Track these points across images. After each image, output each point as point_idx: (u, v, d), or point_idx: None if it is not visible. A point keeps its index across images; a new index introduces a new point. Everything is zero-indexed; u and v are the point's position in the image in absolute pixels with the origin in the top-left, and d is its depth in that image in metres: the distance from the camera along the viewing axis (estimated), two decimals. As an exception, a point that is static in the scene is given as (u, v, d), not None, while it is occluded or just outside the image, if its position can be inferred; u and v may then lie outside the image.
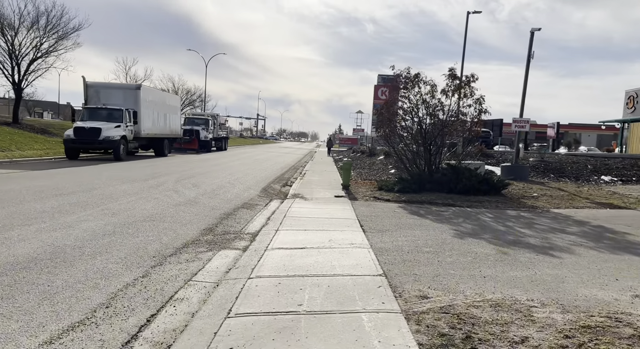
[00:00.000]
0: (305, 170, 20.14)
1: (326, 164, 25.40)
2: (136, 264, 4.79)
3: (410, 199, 10.89)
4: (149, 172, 14.93)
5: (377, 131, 14.53)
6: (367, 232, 6.94)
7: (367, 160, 25.65)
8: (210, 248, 5.67)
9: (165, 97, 25.84)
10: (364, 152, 31.18)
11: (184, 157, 24.93)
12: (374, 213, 8.92)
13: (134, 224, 6.74)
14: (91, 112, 20.16)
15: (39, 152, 19.47)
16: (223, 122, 41.53)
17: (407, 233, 6.90)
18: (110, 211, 7.61)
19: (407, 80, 13.68)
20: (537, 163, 17.11)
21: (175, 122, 26.82)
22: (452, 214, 9.20)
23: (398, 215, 8.77)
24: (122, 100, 20.97)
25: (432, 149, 13.53)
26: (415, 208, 9.83)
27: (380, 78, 62.66)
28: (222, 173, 16.26)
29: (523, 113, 15.24)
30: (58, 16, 24.27)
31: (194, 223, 7.18)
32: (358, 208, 9.43)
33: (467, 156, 13.98)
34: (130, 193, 9.79)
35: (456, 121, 13.62)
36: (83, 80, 20.86)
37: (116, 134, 19.30)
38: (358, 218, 8.27)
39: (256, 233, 6.77)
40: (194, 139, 31.01)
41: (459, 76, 13.47)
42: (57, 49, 25.10)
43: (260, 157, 30.48)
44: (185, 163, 20.62)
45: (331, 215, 8.50)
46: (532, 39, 14.94)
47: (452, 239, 6.50)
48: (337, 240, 6.28)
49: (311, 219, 7.99)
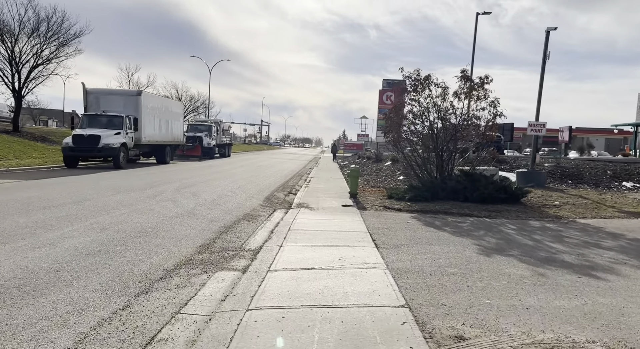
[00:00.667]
0: (310, 177, 19.49)
1: (331, 171, 24.74)
2: (118, 292, 4.13)
3: (423, 208, 10.19)
4: (148, 181, 14.33)
5: (385, 136, 13.87)
6: (380, 248, 6.26)
7: (374, 166, 24.96)
8: (206, 270, 5.00)
9: (166, 103, 25.33)
10: (370, 158, 30.48)
11: (186, 164, 24.36)
12: (385, 224, 8.24)
13: (123, 241, 6.09)
14: (91, 119, 19.65)
15: (37, 160, 18.96)
16: (226, 128, 41.03)
17: (425, 249, 6.21)
18: (99, 225, 6.98)
19: (417, 83, 13.03)
20: (553, 169, 16.35)
21: (177, 129, 26.29)
22: (471, 225, 8.49)
23: (412, 227, 8.08)
24: (122, 106, 20.46)
25: (444, 155, 12.85)
26: (429, 218, 9.13)
27: (385, 83, 62.13)
28: (224, 181, 15.63)
29: (539, 116, 14.54)
30: (59, 22, 23.90)
31: (189, 238, 6.53)
32: (368, 219, 8.75)
33: (481, 162, 13.27)
34: (125, 205, 9.17)
35: (469, 125, 12.95)
36: (83, 87, 20.38)
37: (116, 141, 18.75)
38: (369, 230, 7.59)
39: (258, 249, 6.11)
40: (196, 146, 30.47)
41: (472, 78, 12.79)
42: (58, 56, 24.73)
43: (264, 163, 29.87)
44: (187, 170, 20.03)
45: (340, 228, 7.82)
46: (547, 39, 14.28)
47: (478, 256, 5.80)
48: (348, 258, 5.60)
49: (318, 232, 7.32)
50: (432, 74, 12.72)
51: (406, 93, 13.22)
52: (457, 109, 13.02)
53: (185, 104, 54.07)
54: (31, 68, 24.03)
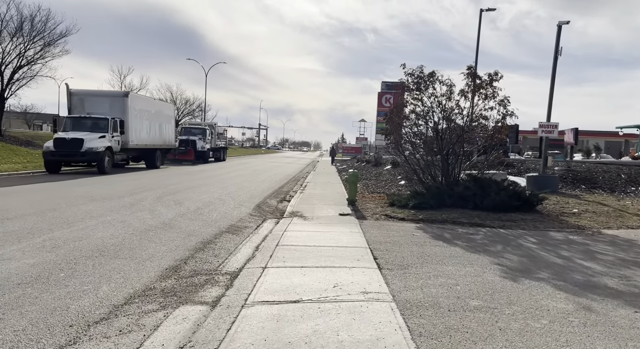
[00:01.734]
0: (306, 181, 18.47)
1: (329, 175, 23.72)
2: (34, 345, 3.09)
3: (429, 218, 9.18)
4: (130, 187, 13.29)
5: (386, 138, 12.88)
6: (383, 269, 5.24)
7: (373, 170, 23.96)
8: (165, 304, 3.97)
9: (157, 105, 24.30)
10: (369, 162, 29.50)
11: (178, 169, 23.33)
12: (388, 237, 7.22)
13: (73, 263, 5.06)
14: (74, 122, 18.62)
15: (16, 165, 17.92)
16: (222, 132, 40.04)
17: (438, 270, 5.19)
18: (52, 243, 5.94)
19: (420, 80, 12.04)
20: (565, 173, 15.36)
21: (168, 132, 25.26)
22: (485, 238, 7.48)
23: (418, 240, 7.06)
24: (108, 108, 19.44)
25: (450, 158, 11.85)
26: (437, 230, 8.12)
27: (385, 85, 61.25)
28: (213, 187, 14.61)
29: (550, 116, 13.56)
30: (43, 21, 22.91)
31: (156, 258, 5.50)
32: (368, 231, 7.73)
33: (489, 166, 12.27)
34: (94, 216, 8.13)
35: (477, 126, 11.97)
36: (66, 88, 19.37)
37: (100, 145, 17.71)
38: (370, 245, 6.57)
39: (237, 272, 5.08)
40: (189, 150, 29.43)
41: (479, 75, 11.81)
42: (44, 56, 23.70)
43: (260, 167, 28.85)
44: (177, 175, 18.99)
45: (336, 242, 6.80)
46: (559, 34, 13.33)
47: (502, 281, 4.78)
48: (345, 284, 4.58)
49: (311, 248, 6.29)
50: (437, 71, 11.76)
51: (408, 91, 12.24)
52: (463, 109, 12.09)
53: (180, 107, 53.06)
54: (14, 70, 23.00)
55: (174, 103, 52.89)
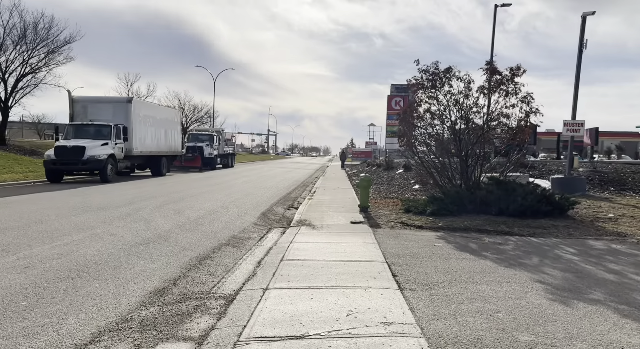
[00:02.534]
0: (315, 187, 17.71)
1: (339, 180, 22.95)
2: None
3: (450, 225, 8.36)
4: (130, 196, 12.66)
5: (399, 140, 12.08)
6: (405, 289, 4.45)
7: (385, 174, 23.12)
8: (139, 343, 3.22)
9: (162, 111, 23.77)
10: (380, 165, 28.64)
11: (184, 176, 22.75)
12: (406, 249, 6.42)
13: (43, 287, 4.36)
14: (76, 129, 18.13)
15: (17, 175, 17.45)
16: (229, 138, 39.52)
17: (470, 290, 4.38)
18: (27, 261, 5.25)
19: (436, 77, 11.25)
20: (591, 174, 14.39)
21: (174, 138, 24.72)
22: (516, 248, 6.64)
23: (442, 252, 6.24)
24: (111, 115, 18.92)
25: (469, 160, 11.03)
26: (461, 239, 7.29)
27: (394, 88, 60.32)
28: (219, 194, 13.93)
29: (576, 114, 12.64)
30: (46, 28, 22.56)
31: (142, 279, 4.77)
32: (384, 242, 6.94)
33: (510, 168, 11.40)
34: (84, 228, 7.46)
35: (497, 125, 11.13)
36: (68, 95, 18.92)
37: (102, 153, 17.17)
38: (387, 259, 5.78)
39: (233, 295, 4.34)
40: (196, 156, 28.86)
41: (499, 70, 10.96)
42: (48, 64, 23.35)
43: (268, 173, 28.19)
44: (181, 183, 18.38)
45: (348, 255, 6.02)
46: (584, 26, 12.45)
47: (552, 305, 3.96)
48: (360, 311, 3.80)
49: (320, 264, 5.52)
50: (453, 67, 10.97)
51: (423, 89, 11.44)
52: (482, 107, 11.27)
53: (188, 114, 52.78)
54: (18, 78, 22.65)
55: (182, 110, 52.59)
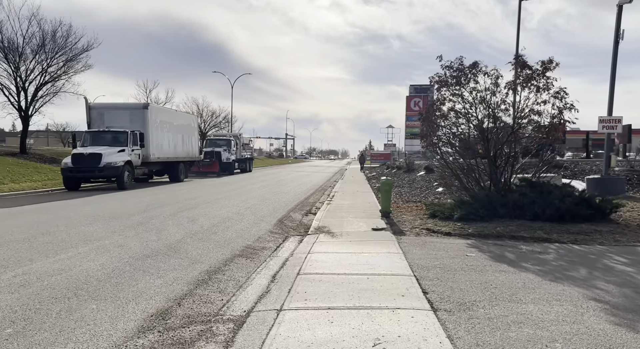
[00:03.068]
0: (334, 191, 17.17)
1: (358, 183, 22.36)
2: None
3: (481, 232, 7.71)
4: (145, 204, 12.37)
5: (422, 140, 11.47)
6: (439, 310, 3.88)
7: (406, 177, 22.42)
8: (131, 381, 2.74)
9: (179, 116, 23.64)
10: (400, 168, 27.88)
11: (202, 182, 22.53)
12: (436, 259, 5.83)
13: (34, 309, 3.95)
14: (93, 136, 18.07)
15: (36, 183, 17.44)
16: (247, 142, 39.31)
17: (516, 312, 3.78)
18: (24, 278, 4.88)
19: (460, 74, 10.62)
20: (628, 174, 13.45)
21: (192, 144, 24.56)
22: (559, 258, 5.97)
23: (476, 263, 5.63)
24: (128, 121, 18.82)
25: (499, 160, 10.33)
26: (495, 247, 6.65)
27: (413, 89, 59.41)
28: (235, 200, 13.54)
29: (612, 110, 11.78)
30: (64, 36, 22.70)
31: (144, 298, 4.32)
32: (410, 251, 6.36)
33: (547, 168, 10.64)
34: (91, 239, 7.10)
35: (528, 123, 10.41)
36: (85, 102, 18.92)
37: (119, 160, 17.02)
38: (414, 272, 5.21)
39: (243, 317, 3.84)
40: (214, 162, 28.70)
41: (529, 64, 10.24)
42: (67, 72, 23.50)
43: (286, 177, 27.80)
44: (198, 189, 18.10)
45: (371, 267, 5.47)
46: (620, 16, 11.62)
47: (617, 331, 3.32)
48: (389, 339, 3.25)
49: (340, 278, 4.98)
50: (479, 62, 10.31)
51: (446, 87, 10.81)
52: (512, 104, 10.57)
53: (206, 120, 52.99)
54: (38, 86, 22.85)
55: (200, 115, 52.82)
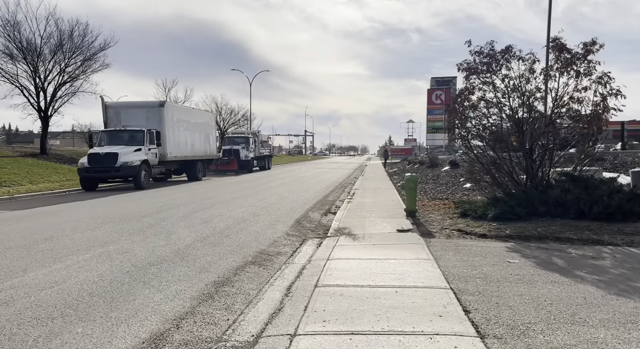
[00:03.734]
0: (354, 188, 16.47)
1: (379, 180, 21.58)
2: None
3: (520, 233, 6.92)
4: (160, 204, 11.95)
5: (448, 133, 10.66)
6: (488, 338, 3.19)
7: (429, 172, 21.52)
8: None
9: (196, 114, 23.29)
10: (423, 163, 26.93)
11: (220, 180, 22.16)
12: (474, 268, 5.10)
13: (7, 336, 3.43)
14: (110, 136, 17.83)
15: (54, 184, 17.32)
16: (265, 140, 38.96)
17: (585, 339, 3.05)
18: (11, 292, 4.39)
19: (491, 60, 9.78)
20: (677, 165, 12.29)
21: (210, 142, 24.22)
22: (617, 264, 5.16)
23: (522, 272, 4.88)
24: (144, 120, 18.52)
25: (535, 154, 9.47)
26: (539, 252, 5.87)
27: (434, 82, 57.97)
28: (251, 199, 13.01)
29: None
30: (81, 35, 22.60)
31: (138, 318, 3.75)
32: (442, 257, 5.65)
33: (585, 161, 9.68)
34: (95, 245, 6.63)
35: (566, 112, 9.50)
36: (101, 101, 18.70)
37: (136, 159, 16.72)
38: (450, 283, 4.51)
39: (251, 344, 3.23)
40: (232, 159, 28.35)
41: (569, 47, 9.30)
42: (85, 71, 23.43)
43: (305, 174, 27.22)
44: (216, 187, 17.68)
45: (399, 278, 4.78)
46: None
47: None
48: (429, 379, 2.57)
49: (364, 292, 4.32)
50: (513, 45, 9.44)
51: (475, 74, 9.96)
52: (549, 91, 9.68)
53: (225, 118, 52.84)
54: (57, 87, 22.85)
55: (219, 113, 52.68)
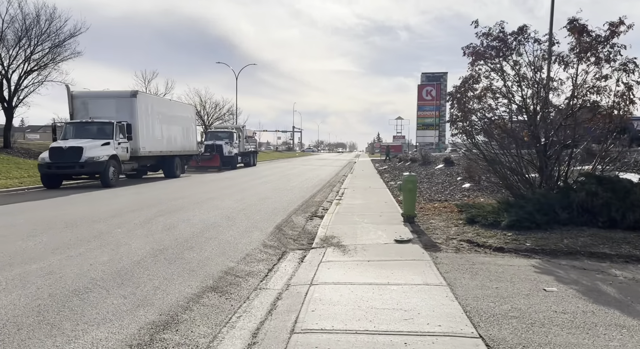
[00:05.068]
0: (343, 188, 15.19)
1: (369, 178, 20.36)
2: None
3: (543, 246, 5.72)
4: (121, 205, 10.53)
5: (451, 126, 9.42)
6: None
7: (422, 170, 20.37)
8: None
9: (174, 106, 21.72)
10: (415, 160, 25.81)
11: (199, 177, 20.70)
12: (502, 300, 3.86)
13: None
14: (76, 128, 16.22)
15: (12, 181, 15.70)
16: (251, 135, 37.45)
17: None
18: None
19: (500, 43, 8.56)
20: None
21: (189, 136, 22.67)
22: (690, 297, 3.95)
23: (569, 307, 3.64)
24: (115, 111, 16.96)
25: (550, 150, 8.30)
26: (576, 273, 4.66)
27: (424, 77, 56.94)
28: (229, 200, 11.65)
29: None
30: (49, 19, 20.84)
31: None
32: (456, 282, 4.41)
33: (608, 160, 8.54)
34: (16, 262, 5.23)
35: (583, 104, 8.34)
36: (67, 90, 17.06)
37: (103, 154, 15.17)
38: (478, 328, 3.28)
39: None
40: (215, 155, 26.83)
41: (589, 29, 8.10)
42: (55, 59, 21.68)
43: (292, 171, 25.88)
44: (192, 186, 16.25)
45: (408, 318, 3.51)
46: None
47: None
48: None
49: (359, 342, 3.03)
50: (527, 26, 8.23)
51: (483, 60, 8.73)
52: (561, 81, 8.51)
53: (209, 112, 51.17)
54: (22, 75, 21.07)
55: (204, 107, 50.95)
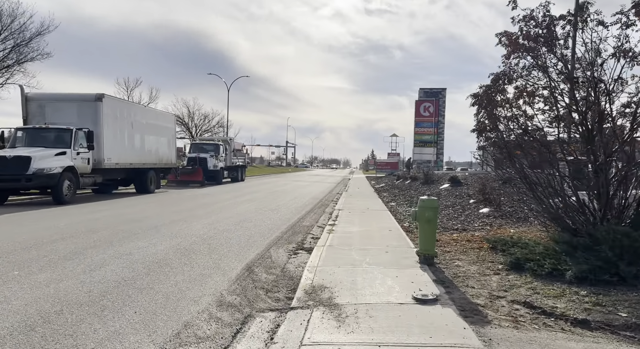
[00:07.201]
0: (337, 209, 13.04)
1: (367, 197, 18.25)
2: None
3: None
4: (57, 230, 8.30)
5: (478, 136, 7.38)
6: None
7: (426, 190, 18.26)
8: None
9: (148, 113, 19.51)
10: (416, 178, 23.73)
11: (177, 194, 18.47)
12: None
13: None
14: (30, 135, 14.02)
15: (-52, 194, 13.40)
16: (239, 148, 35.30)
17: None
18: None
19: (547, 32, 6.61)
20: None
21: (166, 148, 20.49)
22: None
23: None
24: (76, 117, 14.78)
25: (613, 170, 6.28)
26: None
27: (422, 92, 55.50)
28: (197, 224, 9.47)
29: None
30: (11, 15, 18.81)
31: None
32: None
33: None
34: None
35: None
36: (21, 91, 14.90)
37: (56, 165, 12.95)
38: None
39: None
40: (197, 169, 24.61)
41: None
42: (19, 61, 19.56)
43: (281, 188, 23.71)
44: (162, 204, 14.03)
45: None
46: None
47: None
48: None
49: None
50: (589, 3, 6.26)
51: (525, 51, 6.72)
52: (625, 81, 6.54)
53: (198, 124, 49.15)
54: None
55: (192, 118, 48.92)
